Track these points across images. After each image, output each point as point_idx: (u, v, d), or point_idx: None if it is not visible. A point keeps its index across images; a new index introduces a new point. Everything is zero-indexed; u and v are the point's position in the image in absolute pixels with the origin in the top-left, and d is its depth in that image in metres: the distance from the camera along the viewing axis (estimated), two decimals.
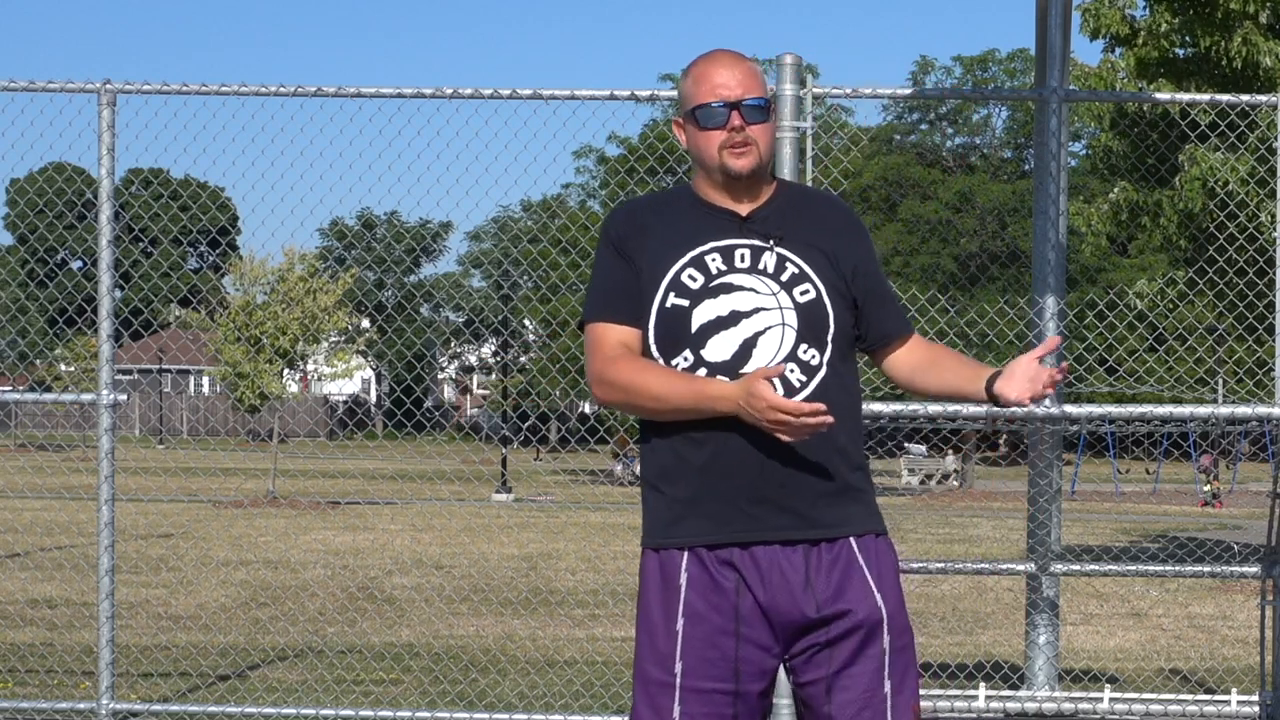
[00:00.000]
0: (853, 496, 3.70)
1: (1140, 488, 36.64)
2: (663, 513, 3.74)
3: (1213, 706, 7.38)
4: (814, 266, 3.72)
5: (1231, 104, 7.66)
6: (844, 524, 3.68)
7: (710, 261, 3.71)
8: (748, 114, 3.71)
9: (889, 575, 3.71)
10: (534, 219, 51.12)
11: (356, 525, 21.54)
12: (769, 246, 3.71)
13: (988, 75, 52.71)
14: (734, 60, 3.76)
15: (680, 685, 3.66)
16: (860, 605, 3.64)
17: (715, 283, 3.69)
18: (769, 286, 3.69)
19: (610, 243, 3.79)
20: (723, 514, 3.65)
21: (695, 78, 3.76)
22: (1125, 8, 15.20)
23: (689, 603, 3.66)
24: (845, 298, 3.74)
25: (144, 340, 60.91)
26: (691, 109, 3.74)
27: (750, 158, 3.71)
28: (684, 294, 3.70)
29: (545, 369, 36.84)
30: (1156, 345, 25.18)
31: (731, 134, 3.70)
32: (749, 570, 3.64)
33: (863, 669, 3.65)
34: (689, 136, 3.78)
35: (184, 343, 59.70)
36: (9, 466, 25.48)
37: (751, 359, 3.65)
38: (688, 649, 3.65)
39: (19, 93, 7.61)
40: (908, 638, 3.71)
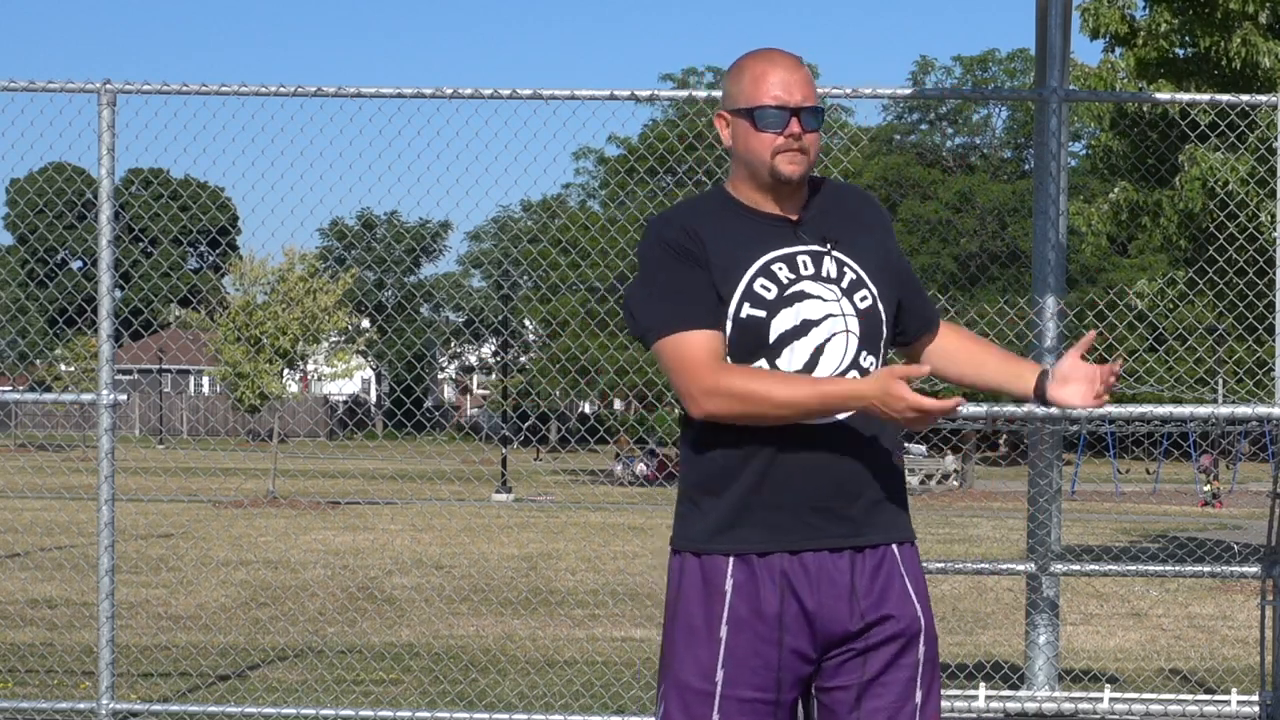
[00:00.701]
0: (898, 503, 3.68)
1: (1140, 488, 36.64)
2: (710, 518, 3.62)
3: (1213, 706, 7.38)
4: (868, 271, 3.67)
5: (1231, 104, 7.66)
6: (888, 530, 3.65)
7: (778, 270, 3.63)
8: (806, 121, 3.65)
9: (923, 584, 3.70)
10: (534, 219, 51.12)
11: (356, 525, 21.54)
12: (826, 250, 3.66)
13: (988, 75, 52.72)
14: (794, 64, 3.70)
15: (720, 694, 3.58)
16: (902, 613, 3.61)
17: (788, 291, 3.62)
18: (834, 293, 3.64)
19: (670, 250, 3.64)
20: (778, 522, 3.58)
21: (754, 76, 3.67)
22: (1125, 7, 15.20)
23: (734, 610, 3.59)
24: (892, 298, 3.71)
25: (144, 340, 60.91)
26: (748, 108, 3.66)
27: (803, 165, 3.66)
28: (759, 304, 3.61)
29: (545, 369, 36.84)
30: (1156, 345, 25.17)
31: (789, 140, 3.64)
32: (798, 577, 3.58)
33: (895, 678, 3.60)
34: (739, 135, 3.69)
35: (184, 343, 59.70)
36: (9, 466, 25.48)
37: (819, 367, 3.60)
38: (730, 658, 3.58)
39: (19, 93, 7.61)
40: (937, 649, 3.68)
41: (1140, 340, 23.24)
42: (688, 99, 7.97)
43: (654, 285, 3.63)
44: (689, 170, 35.77)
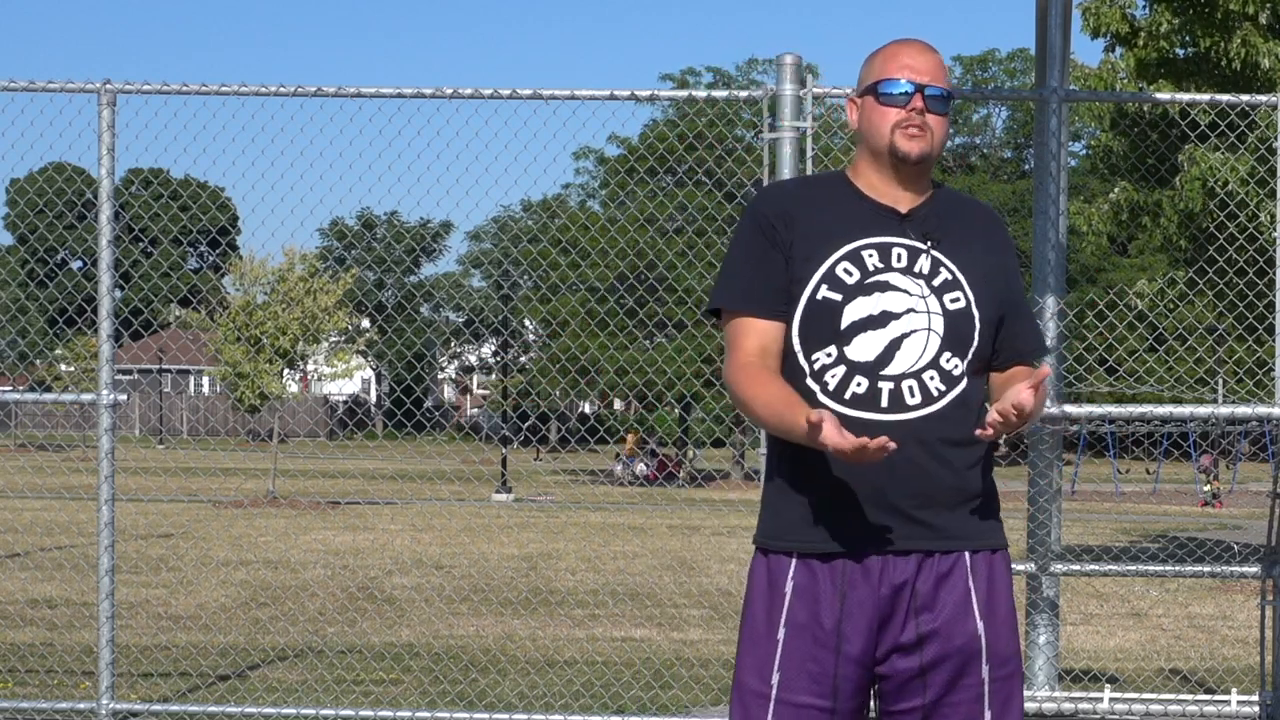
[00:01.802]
0: (981, 510, 3.61)
1: (1140, 488, 36.64)
2: (781, 517, 3.59)
3: (1213, 706, 7.38)
4: (967, 275, 3.60)
5: (1231, 104, 7.66)
6: (960, 537, 3.56)
7: (867, 257, 3.58)
8: (930, 101, 3.60)
9: (1000, 598, 3.58)
10: (534, 219, 51.13)
11: (356, 525, 21.54)
12: (926, 249, 3.60)
13: (988, 75, 52.74)
14: (926, 48, 3.67)
15: (775, 697, 3.53)
16: (957, 629, 3.52)
17: (870, 280, 3.56)
18: (921, 289, 3.57)
19: (759, 225, 3.63)
20: (844, 523, 3.52)
21: (886, 55, 3.66)
22: (1125, 6, 15.20)
23: (792, 612, 3.54)
24: (992, 311, 3.62)
25: (144, 340, 60.94)
26: (874, 83, 3.63)
27: (923, 143, 3.60)
28: (837, 288, 3.57)
29: (545, 369, 36.85)
30: (1156, 345, 25.18)
31: (910, 114, 3.59)
32: (857, 579, 3.51)
33: (961, 698, 3.51)
34: (864, 113, 3.66)
35: (184, 343, 59.73)
36: (9, 466, 25.48)
37: (894, 361, 3.53)
38: (786, 660, 3.53)
39: (19, 93, 7.61)
40: (1013, 666, 3.56)
41: (1140, 340, 23.24)
42: (688, 99, 7.97)
43: (739, 258, 3.65)
44: (689, 170, 35.93)
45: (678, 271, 32.96)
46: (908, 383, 3.53)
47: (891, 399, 3.52)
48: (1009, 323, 3.67)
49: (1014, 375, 3.66)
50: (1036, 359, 3.72)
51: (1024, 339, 3.70)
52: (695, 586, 14.58)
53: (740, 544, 19.34)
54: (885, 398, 3.52)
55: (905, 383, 3.53)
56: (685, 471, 37.12)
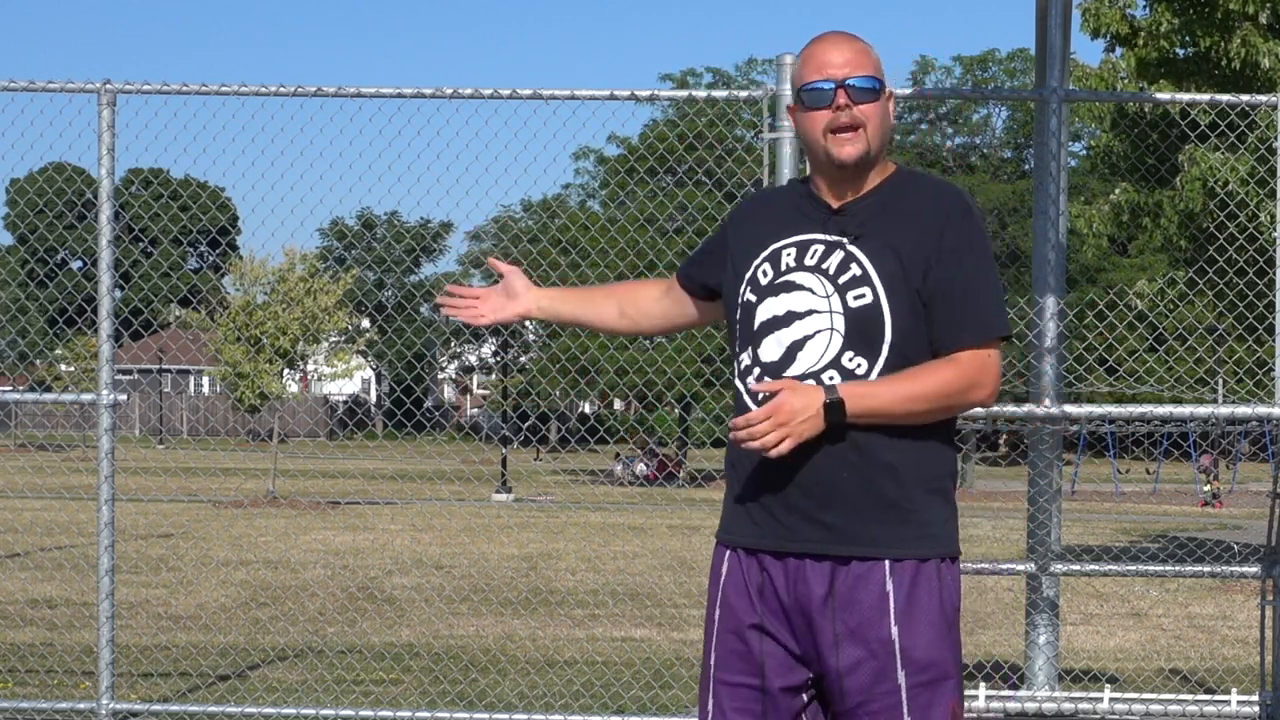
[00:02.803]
0: (900, 517, 3.52)
1: (1140, 488, 36.64)
2: (724, 508, 3.70)
3: (1213, 706, 7.38)
4: (879, 268, 3.52)
5: (1231, 104, 7.66)
6: (880, 544, 3.51)
7: (785, 257, 3.60)
8: (855, 93, 3.56)
9: (925, 604, 3.52)
10: (534, 219, 51.12)
11: (356, 525, 21.54)
12: (840, 244, 3.56)
13: (988, 75, 52.75)
14: (843, 38, 3.64)
15: (713, 677, 3.65)
16: (872, 635, 3.50)
17: (780, 280, 3.58)
18: (825, 288, 3.54)
19: (720, 228, 3.83)
20: (761, 519, 3.58)
21: (804, 58, 3.65)
22: (1125, 6, 15.20)
23: (724, 595, 3.64)
24: (913, 304, 3.52)
25: (144, 340, 60.93)
26: (798, 90, 3.62)
27: (858, 144, 3.55)
28: (755, 289, 3.62)
29: (545, 369, 36.84)
30: (1156, 345, 25.18)
31: (837, 114, 3.55)
32: (778, 575, 3.57)
33: (880, 705, 3.51)
34: (798, 121, 3.65)
35: (184, 343, 59.71)
36: (9, 466, 25.48)
37: (795, 362, 3.53)
38: (720, 641, 3.64)
39: (19, 93, 7.61)
40: (936, 672, 3.51)
41: (1140, 340, 23.24)
42: (688, 99, 7.97)
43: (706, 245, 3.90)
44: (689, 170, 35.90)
45: None
46: (808, 384, 3.50)
47: None
48: (935, 310, 3.53)
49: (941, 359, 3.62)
50: (959, 348, 3.55)
51: (945, 329, 3.54)
52: (695, 586, 14.58)
53: None
54: None
55: (805, 384, 3.50)
56: (685, 472, 37.12)
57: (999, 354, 3.61)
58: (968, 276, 3.54)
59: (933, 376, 3.50)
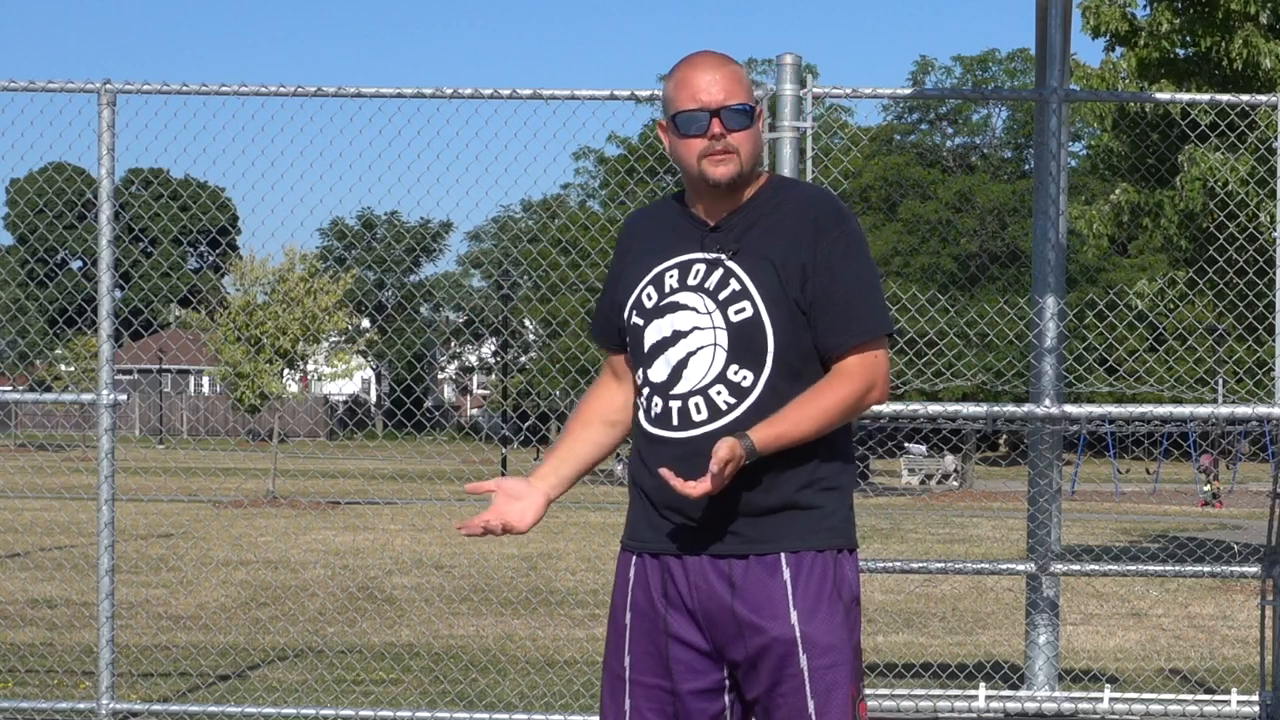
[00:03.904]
0: (795, 514, 3.62)
1: (1140, 488, 36.64)
2: (629, 516, 3.78)
3: (1213, 706, 7.38)
4: (757, 281, 3.59)
5: (1231, 104, 7.66)
6: (776, 540, 3.62)
7: (668, 278, 3.67)
8: (729, 120, 3.60)
9: (821, 593, 3.62)
10: (534, 219, 51.14)
11: (356, 525, 21.54)
12: (719, 260, 3.63)
13: (988, 75, 52.69)
14: (716, 63, 3.64)
15: (629, 679, 3.72)
16: (773, 624, 3.60)
17: (664, 301, 3.66)
18: (706, 305, 3.62)
19: (615, 255, 3.83)
20: (659, 525, 3.68)
21: (676, 82, 3.65)
22: (1126, 6, 15.20)
23: (634, 598, 3.72)
24: (793, 312, 3.58)
25: (144, 340, 60.94)
26: (672, 115, 3.65)
27: (730, 166, 3.61)
28: (641, 312, 3.69)
29: (545, 369, 36.84)
30: (1156, 345, 25.18)
31: (711, 142, 3.60)
32: (680, 578, 3.66)
33: (787, 688, 3.62)
34: (670, 143, 3.69)
35: (184, 343, 59.73)
36: (9, 466, 25.47)
37: (681, 380, 3.62)
38: (634, 643, 3.71)
39: (19, 93, 7.62)
40: (836, 657, 3.61)
41: (1140, 340, 23.24)
42: None
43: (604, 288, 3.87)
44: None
45: None
46: (694, 399, 3.61)
47: (680, 417, 3.63)
48: (816, 318, 3.60)
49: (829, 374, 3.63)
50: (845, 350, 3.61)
51: (829, 333, 3.60)
52: None
53: None
54: (675, 416, 3.63)
55: (692, 400, 3.62)
56: None
57: (886, 351, 3.69)
58: (848, 281, 3.61)
59: (830, 396, 3.59)
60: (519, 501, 3.82)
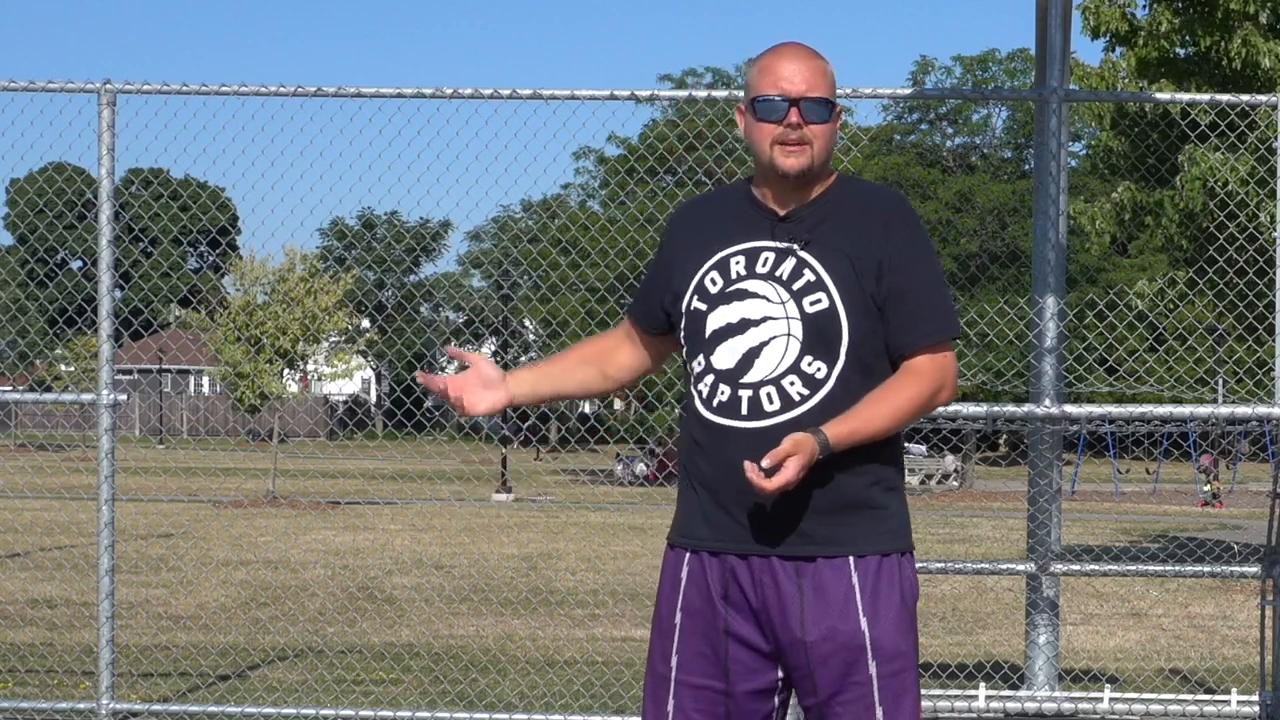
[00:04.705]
0: (861, 514, 3.61)
1: (1140, 488, 36.63)
2: (680, 511, 3.73)
3: (1213, 706, 7.38)
4: (832, 273, 3.59)
5: (1231, 104, 7.66)
6: (844, 542, 3.59)
7: (734, 265, 3.66)
8: (807, 111, 3.61)
9: (888, 598, 3.61)
10: (534, 219, 51.14)
11: (356, 525, 21.54)
12: (791, 250, 3.63)
13: (988, 75, 52.69)
14: (803, 54, 3.66)
15: (675, 679, 3.67)
16: (841, 628, 3.57)
17: (731, 288, 3.64)
18: (780, 294, 3.61)
19: (660, 242, 3.82)
20: (721, 522, 3.62)
21: (761, 67, 3.67)
22: (1125, 6, 15.20)
23: (687, 598, 3.66)
24: (867, 306, 3.60)
25: (144, 340, 60.94)
26: (751, 99, 3.66)
27: (802, 158, 3.62)
28: (704, 298, 3.66)
29: None
30: (1156, 345, 25.18)
31: (787, 130, 3.60)
32: (743, 577, 3.61)
33: (851, 695, 3.58)
34: (746, 126, 3.69)
35: (184, 343, 59.72)
36: (9, 466, 25.47)
37: (752, 369, 3.59)
38: (683, 644, 3.66)
39: (19, 93, 7.61)
40: (903, 664, 3.60)
41: (1140, 340, 23.24)
42: (687, 99, 7.97)
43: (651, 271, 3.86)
44: (689, 170, 35.85)
45: None
46: (766, 389, 3.59)
47: (750, 406, 3.60)
48: (889, 314, 3.62)
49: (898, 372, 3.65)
50: (917, 349, 3.64)
51: (902, 331, 3.63)
52: None
53: None
54: (745, 405, 3.60)
55: (764, 389, 3.59)
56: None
57: (954, 354, 3.72)
58: (920, 281, 3.64)
59: (903, 395, 3.60)
60: (484, 388, 3.87)
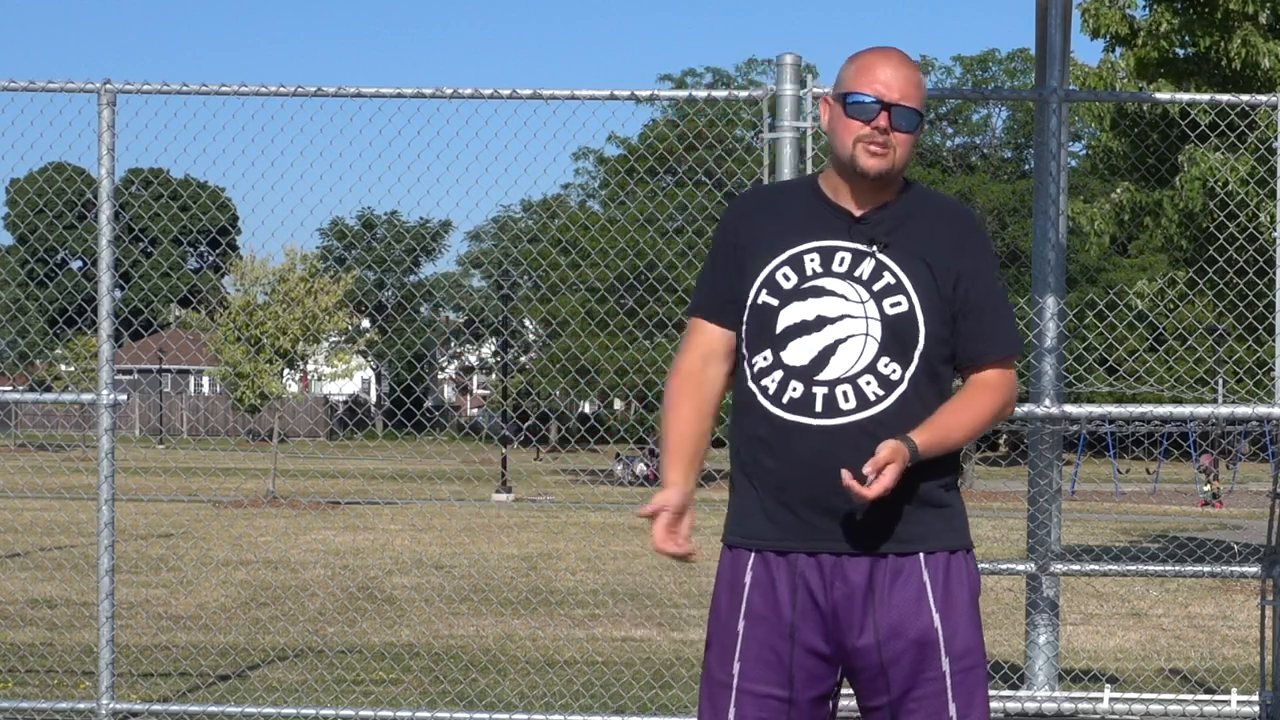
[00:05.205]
0: (929, 512, 3.63)
1: (1140, 488, 36.63)
2: (738, 511, 3.70)
3: (1213, 706, 7.38)
4: (912, 278, 3.62)
5: (1231, 104, 7.66)
6: (914, 540, 3.61)
7: (808, 261, 3.65)
8: (898, 118, 3.63)
9: (958, 594, 3.63)
10: (534, 219, 51.13)
11: (356, 525, 21.53)
12: (871, 252, 3.64)
13: (988, 75, 52.70)
14: (903, 61, 3.68)
15: (736, 686, 3.63)
16: (914, 625, 3.58)
17: (807, 285, 3.63)
18: (859, 294, 3.61)
19: (723, 231, 3.76)
20: (789, 521, 3.61)
21: (861, 65, 3.68)
22: (1125, 6, 15.20)
23: (750, 603, 3.63)
24: (943, 313, 3.64)
25: (144, 340, 60.94)
26: (844, 93, 3.66)
27: (884, 161, 3.63)
28: (775, 293, 3.65)
29: (545, 369, 36.84)
30: (1156, 345, 25.19)
31: (874, 131, 3.62)
32: (812, 577, 3.59)
33: (925, 692, 3.59)
34: (832, 118, 3.69)
35: (184, 343, 59.72)
36: (9, 466, 25.47)
37: (828, 366, 3.59)
38: (746, 650, 3.62)
39: (19, 93, 7.61)
40: (974, 660, 3.62)
41: (1140, 340, 23.24)
42: (687, 99, 7.97)
43: (705, 264, 3.79)
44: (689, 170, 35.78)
45: (678, 271, 32.88)
46: (842, 388, 3.59)
47: (825, 404, 3.59)
48: (962, 324, 3.66)
49: (970, 384, 3.70)
50: (987, 361, 3.69)
51: (978, 340, 3.68)
52: (695, 586, 14.57)
53: None
54: (819, 402, 3.59)
55: (840, 388, 3.59)
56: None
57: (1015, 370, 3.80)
58: (993, 295, 3.70)
59: (980, 407, 3.67)
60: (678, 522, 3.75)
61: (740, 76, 49.50)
